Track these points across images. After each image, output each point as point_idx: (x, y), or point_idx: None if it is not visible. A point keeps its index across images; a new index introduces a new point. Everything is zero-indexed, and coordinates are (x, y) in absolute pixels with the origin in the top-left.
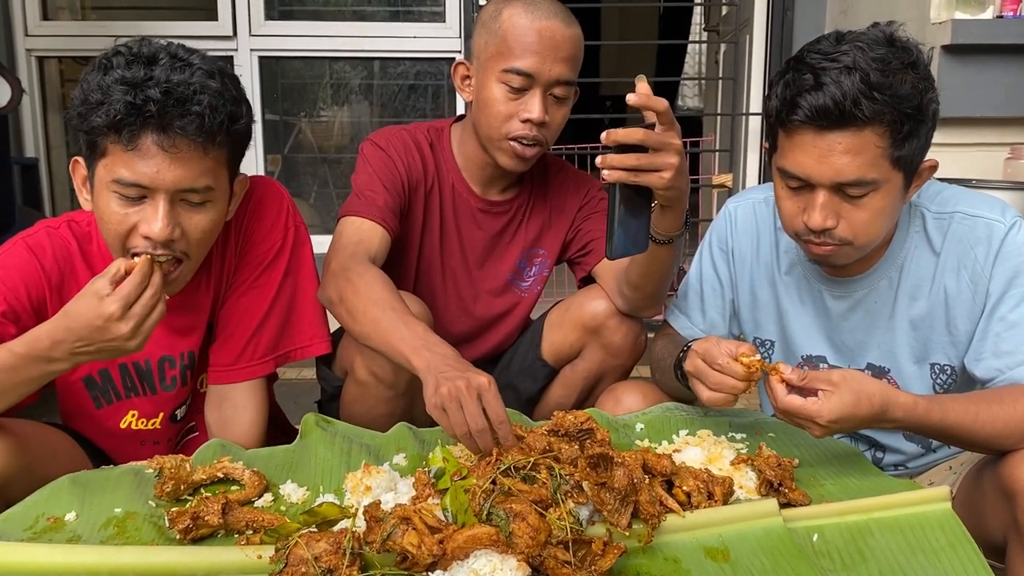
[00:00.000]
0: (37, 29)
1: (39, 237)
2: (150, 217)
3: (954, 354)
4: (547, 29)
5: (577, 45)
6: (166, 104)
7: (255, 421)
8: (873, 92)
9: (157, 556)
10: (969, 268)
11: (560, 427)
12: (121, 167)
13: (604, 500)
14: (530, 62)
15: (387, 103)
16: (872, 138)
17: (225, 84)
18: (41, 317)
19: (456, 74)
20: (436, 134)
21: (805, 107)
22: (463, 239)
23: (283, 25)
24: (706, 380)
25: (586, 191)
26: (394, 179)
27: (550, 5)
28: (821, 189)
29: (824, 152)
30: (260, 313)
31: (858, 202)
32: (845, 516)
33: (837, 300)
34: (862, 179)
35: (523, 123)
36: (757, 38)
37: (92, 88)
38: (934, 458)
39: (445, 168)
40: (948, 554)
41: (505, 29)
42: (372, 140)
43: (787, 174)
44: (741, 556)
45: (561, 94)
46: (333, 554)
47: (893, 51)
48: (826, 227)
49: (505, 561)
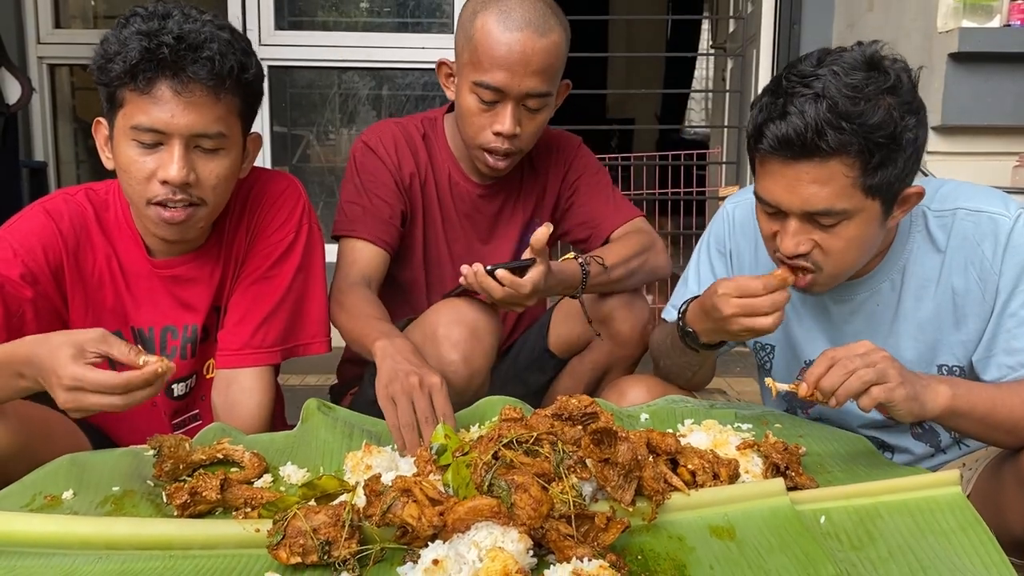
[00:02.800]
0: (49, 37)
1: (56, 202)
2: (166, 162)
3: (962, 354)
4: (518, 42)
5: (552, 54)
6: (178, 49)
7: (261, 404)
8: (841, 121)
9: (153, 528)
10: (977, 265)
11: (564, 411)
12: (138, 113)
13: (607, 477)
14: (499, 77)
15: (395, 113)
16: (840, 168)
17: (235, 36)
18: (59, 280)
19: (440, 72)
20: (430, 124)
21: (770, 136)
22: (465, 225)
23: (292, 35)
24: (759, 307)
25: (566, 158)
26: (387, 184)
27: (525, 11)
28: (792, 217)
29: (791, 182)
30: (272, 302)
31: (831, 230)
32: (852, 499)
33: (839, 304)
34: (830, 209)
35: (495, 135)
36: (764, 51)
37: (111, 42)
38: (944, 459)
39: (440, 158)
40: (959, 536)
41: (477, 39)
42: (363, 141)
43: (760, 199)
44: (747, 535)
45: (534, 105)
46: (332, 526)
47: (871, 76)
48: (799, 252)
49: (507, 533)
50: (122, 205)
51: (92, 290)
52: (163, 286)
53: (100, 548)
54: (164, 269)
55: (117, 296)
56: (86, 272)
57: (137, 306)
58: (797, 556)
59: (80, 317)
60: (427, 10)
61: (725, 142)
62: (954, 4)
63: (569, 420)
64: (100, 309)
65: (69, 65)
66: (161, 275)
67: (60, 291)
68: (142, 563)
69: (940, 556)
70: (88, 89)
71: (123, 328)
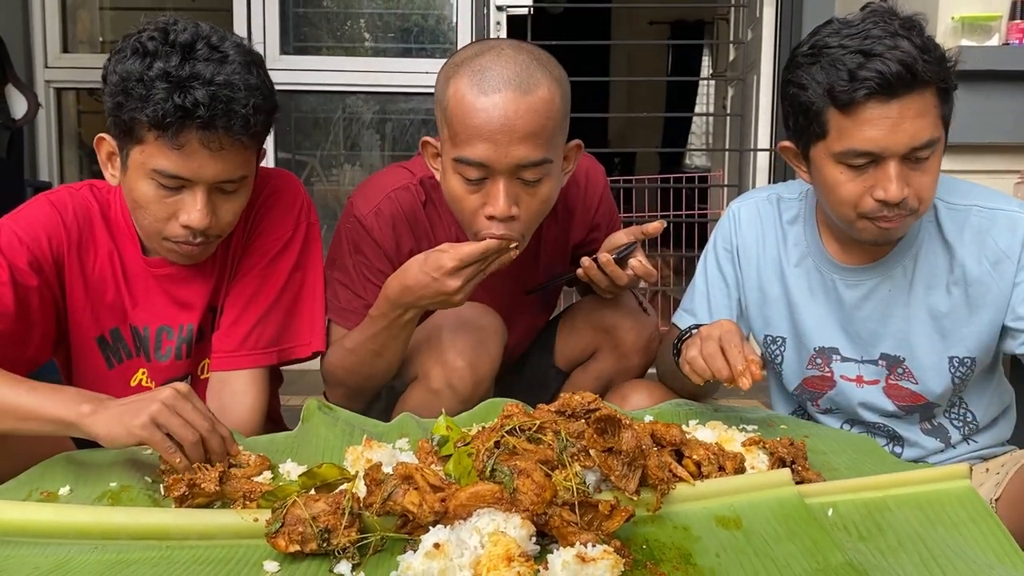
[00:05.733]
0: (57, 61)
1: (61, 194)
2: (189, 207)
3: (974, 345)
4: (496, 107)
5: (542, 114)
6: (213, 107)
7: (254, 408)
8: (925, 54)
9: (150, 517)
10: (991, 257)
11: (567, 407)
12: (161, 159)
13: (611, 466)
14: (480, 150)
15: (398, 137)
16: (931, 99)
17: (261, 78)
18: (60, 271)
19: (426, 152)
20: (431, 186)
21: (874, 78)
22: (481, 289)
23: (297, 60)
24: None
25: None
26: (383, 271)
27: (502, 68)
28: (892, 160)
29: (896, 121)
30: (267, 302)
31: (923, 166)
32: (860, 493)
33: (851, 289)
34: (932, 139)
35: (489, 219)
36: (764, 77)
37: (132, 78)
38: (954, 454)
39: (447, 224)
40: (969, 527)
41: (451, 110)
42: (356, 217)
43: (853, 154)
44: (754, 524)
45: (531, 177)
46: (331, 514)
47: (904, 20)
48: (904, 196)
49: (509, 519)
50: (122, 204)
51: (93, 285)
52: (158, 285)
53: (96, 538)
54: (158, 268)
55: (117, 293)
56: (88, 267)
57: (135, 304)
58: (805, 544)
59: (79, 311)
60: (431, 35)
61: (726, 166)
62: (953, 23)
63: (572, 417)
64: (100, 305)
65: (76, 89)
66: (156, 274)
67: (60, 283)
68: (138, 553)
69: (950, 546)
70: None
71: (121, 325)
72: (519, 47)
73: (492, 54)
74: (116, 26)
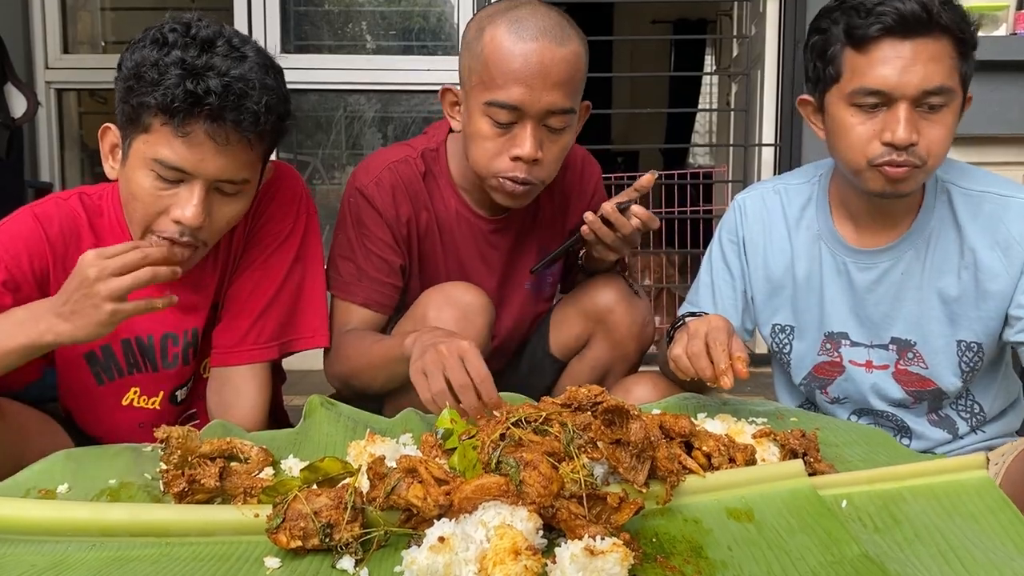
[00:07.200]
0: (57, 62)
1: (47, 206)
2: (184, 202)
3: (982, 331)
4: (534, 52)
5: (573, 65)
6: (225, 97)
7: (255, 405)
8: (943, 5)
9: (150, 514)
10: (1002, 243)
11: (573, 400)
12: (164, 148)
13: (619, 458)
14: (516, 93)
15: (400, 136)
16: (947, 47)
17: (277, 81)
18: (43, 287)
19: (444, 101)
20: (432, 158)
21: (890, 14)
22: (477, 265)
23: (298, 59)
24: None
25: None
26: (384, 239)
27: (539, 20)
28: (902, 103)
29: (908, 61)
30: (267, 296)
31: (935, 116)
32: (875, 484)
33: (863, 272)
34: (943, 86)
35: (513, 161)
36: (769, 72)
37: (147, 63)
38: (961, 445)
39: (445, 196)
40: (988, 518)
41: (487, 54)
42: (358, 188)
43: (864, 92)
44: (766, 516)
45: (557, 124)
46: (334, 509)
47: None
48: (912, 141)
49: (515, 512)
50: (116, 211)
51: None
52: (159, 292)
53: (94, 535)
54: None
55: None
56: None
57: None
58: (820, 536)
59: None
60: (432, 33)
61: (731, 161)
62: None
63: (579, 410)
64: None
65: (77, 90)
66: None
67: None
68: (137, 550)
69: (969, 537)
70: (95, 114)
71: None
72: (549, 6)
73: (528, 7)
74: (117, 27)
